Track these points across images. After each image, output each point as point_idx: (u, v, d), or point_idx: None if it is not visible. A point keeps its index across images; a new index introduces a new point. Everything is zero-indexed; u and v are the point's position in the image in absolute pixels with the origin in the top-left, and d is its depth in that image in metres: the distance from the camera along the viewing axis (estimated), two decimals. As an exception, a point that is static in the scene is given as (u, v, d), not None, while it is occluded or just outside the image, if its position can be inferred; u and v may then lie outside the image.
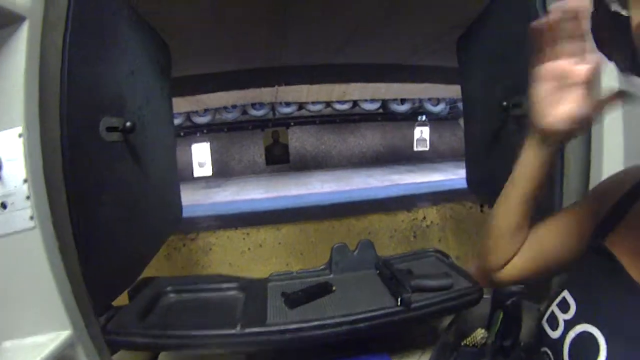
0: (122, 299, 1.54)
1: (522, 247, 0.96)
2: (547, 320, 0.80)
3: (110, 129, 1.37)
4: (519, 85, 1.54)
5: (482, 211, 3.70)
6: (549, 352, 0.76)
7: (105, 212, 1.36)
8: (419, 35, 4.52)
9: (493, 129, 1.90)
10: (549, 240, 0.95)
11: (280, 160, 10.76)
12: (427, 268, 1.84)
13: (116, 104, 1.47)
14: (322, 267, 1.90)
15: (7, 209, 1.03)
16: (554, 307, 0.80)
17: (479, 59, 2.18)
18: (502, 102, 1.68)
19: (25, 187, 1.02)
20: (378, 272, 1.80)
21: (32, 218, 1.03)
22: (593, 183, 1.36)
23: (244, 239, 3.64)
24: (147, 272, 1.81)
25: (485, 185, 2.12)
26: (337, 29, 4.03)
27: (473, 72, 2.30)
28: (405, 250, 2.57)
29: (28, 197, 1.02)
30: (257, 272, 3.52)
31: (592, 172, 1.39)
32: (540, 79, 0.73)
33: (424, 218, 3.78)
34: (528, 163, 0.86)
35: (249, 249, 3.66)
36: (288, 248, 3.70)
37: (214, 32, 3.75)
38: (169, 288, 1.78)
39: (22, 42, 1.01)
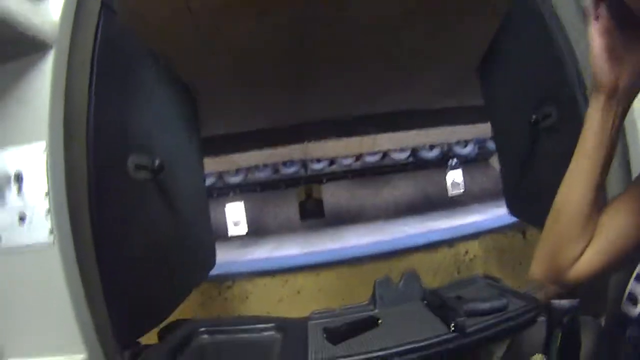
0: (152, 340, 1.51)
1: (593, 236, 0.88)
2: (626, 301, 0.75)
3: (139, 167, 1.43)
4: (545, 95, 1.54)
5: (524, 237, 3.57)
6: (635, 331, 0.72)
7: (132, 247, 1.39)
8: (437, 78, 4.57)
9: (526, 147, 1.87)
10: (620, 222, 0.87)
11: (315, 215, 10.75)
12: (477, 293, 1.76)
13: (144, 144, 1.54)
14: (365, 302, 1.84)
15: (25, 221, 1.05)
16: (631, 286, 0.75)
17: (502, 79, 2.19)
18: (531, 117, 1.63)
19: (46, 201, 1.05)
20: (425, 302, 1.72)
21: (51, 232, 1.04)
22: (635, 169, 1.30)
23: (282, 286, 3.58)
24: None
25: (527, 206, 2.05)
26: (358, 81, 4.12)
27: (498, 94, 2.32)
28: None
29: (49, 211, 1.05)
30: (295, 319, 3.47)
31: (633, 158, 1.31)
32: (601, 30, 0.72)
33: (467, 252, 3.66)
34: (596, 129, 0.81)
35: (287, 296, 3.60)
36: (328, 293, 3.61)
37: (239, 91, 3.90)
38: (202, 329, 1.72)
39: (48, 67, 1.09)
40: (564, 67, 1.37)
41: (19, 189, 1.06)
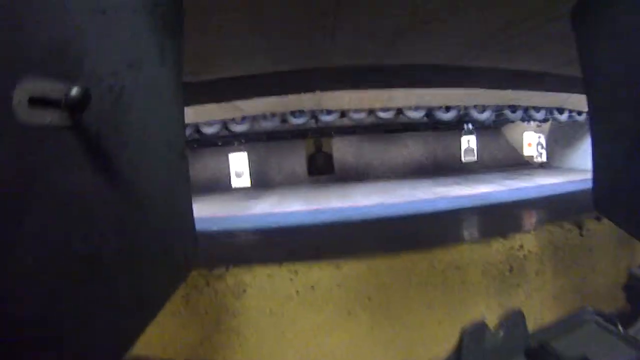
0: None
1: None
2: None
3: (40, 102, 0.81)
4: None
5: (581, 234, 3.08)
6: None
7: (27, 260, 0.79)
8: (474, 31, 4.04)
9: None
10: None
11: (324, 171, 10.31)
12: (594, 345, 1.29)
13: (56, 55, 0.89)
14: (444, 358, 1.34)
15: None
16: None
17: (617, 32, 1.56)
18: None
19: None
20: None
21: None
22: None
23: (290, 279, 2.86)
24: (157, 322, 1.28)
25: (625, 206, 1.52)
26: (389, 20, 3.57)
27: (605, 54, 1.70)
28: (499, 288, 1.99)
29: None
30: (306, 322, 2.85)
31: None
32: None
33: (521, 246, 3.09)
34: None
35: (297, 292, 2.87)
36: (350, 291, 2.91)
37: (246, 21, 3.33)
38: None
39: None
40: None
41: None
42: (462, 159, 16.30)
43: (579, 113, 11.96)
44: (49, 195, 0.87)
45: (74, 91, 0.86)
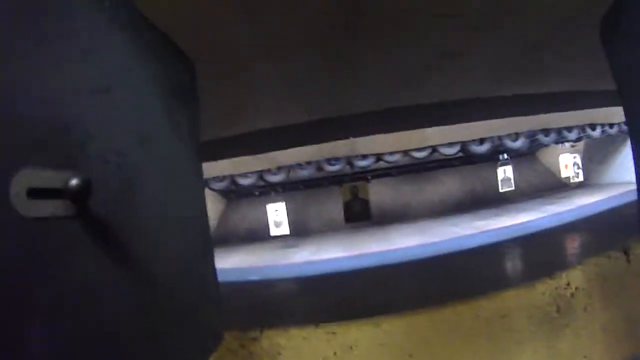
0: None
1: None
2: None
3: (41, 193, 0.75)
4: None
5: (628, 260, 2.92)
6: None
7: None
8: (500, 60, 4.01)
9: None
10: None
11: (361, 217, 10.25)
12: None
13: (57, 142, 0.83)
14: None
15: None
16: None
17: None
18: None
19: None
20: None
21: None
22: None
23: (327, 340, 2.71)
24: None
25: None
26: (416, 57, 3.59)
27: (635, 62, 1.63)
28: (548, 332, 1.87)
29: None
30: (346, 383, 2.75)
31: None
32: None
33: (568, 284, 2.91)
34: None
35: (334, 353, 2.70)
36: (392, 350, 2.74)
37: (270, 71, 3.39)
38: None
39: None
40: None
41: None
42: (500, 189, 16.06)
43: (611, 126, 11.67)
44: (55, 289, 0.81)
45: (74, 182, 0.81)
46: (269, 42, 2.66)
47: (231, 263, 9.40)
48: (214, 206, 17.95)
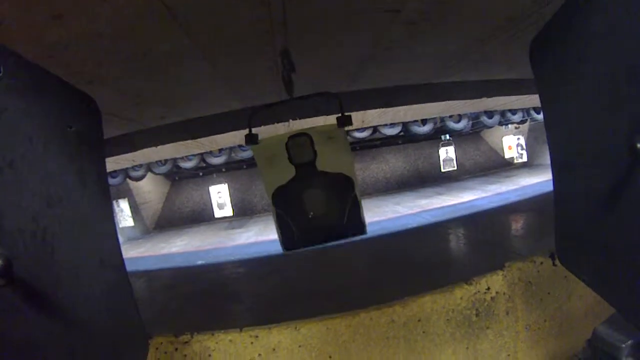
0: None
1: None
2: None
3: None
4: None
5: (554, 265, 3.02)
6: None
7: None
8: (446, 52, 4.05)
9: (610, 184, 1.24)
10: None
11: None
12: None
13: None
14: None
15: None
16: None
17: (580, 74, 1.36)
18: (633, 143, 1.04)
19: None
20: None
21: None
22: None
23: (251, 342, 2.90)
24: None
25: (593, 262, 1.43)
26: (351, 52, 3.59)
27: (567, 97, 1.49)
28: (465, 334, 1.95)
29: None
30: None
31: None
32: None
33: (488, 289, 2.98)
34: None
35: (259, 355, 2.90)
36: (312, 351, 2.91)
37: (210, 73, 3.35)
38: None
39: None
40: None
41: None
42: (442, 169, 16.54)
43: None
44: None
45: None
46: (200, 41, 2.63)
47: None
48: (157, 189, 17.56)
